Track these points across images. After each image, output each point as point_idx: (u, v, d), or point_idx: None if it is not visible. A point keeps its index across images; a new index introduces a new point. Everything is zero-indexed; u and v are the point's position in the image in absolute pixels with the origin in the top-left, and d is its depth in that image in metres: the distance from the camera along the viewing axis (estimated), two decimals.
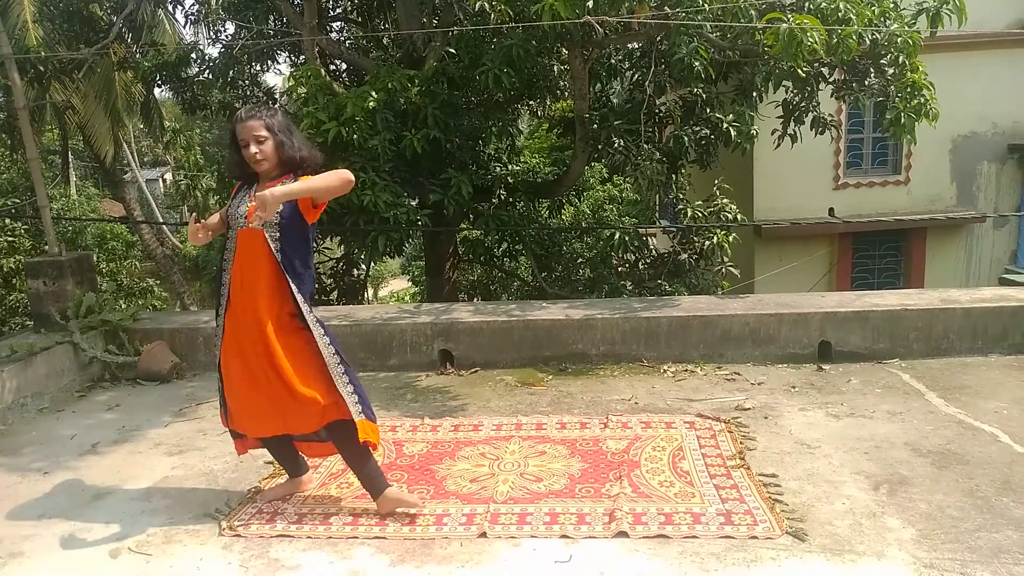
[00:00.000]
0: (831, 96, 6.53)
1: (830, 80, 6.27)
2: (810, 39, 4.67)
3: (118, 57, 10.75)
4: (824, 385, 4.32)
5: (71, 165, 17.88)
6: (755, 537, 2.71)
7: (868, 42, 5.25)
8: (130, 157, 20.00)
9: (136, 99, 14.25)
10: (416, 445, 3.67)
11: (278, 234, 2.78)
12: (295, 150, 2.81)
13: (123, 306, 9.95)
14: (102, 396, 4.68)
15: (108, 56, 10.76)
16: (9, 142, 12.93)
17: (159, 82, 8.89)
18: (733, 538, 2.71)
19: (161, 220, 20.98)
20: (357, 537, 2.81)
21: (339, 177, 2.74)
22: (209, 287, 18.28)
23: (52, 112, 13.62)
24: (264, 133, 2.78)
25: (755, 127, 6.70)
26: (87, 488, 3.35)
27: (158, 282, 14.85)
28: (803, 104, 6.38)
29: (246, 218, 2.76)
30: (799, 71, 5.37)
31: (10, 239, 11.58)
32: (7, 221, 11.73)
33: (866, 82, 5.96)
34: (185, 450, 3.76)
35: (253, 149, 2.77)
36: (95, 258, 8.87)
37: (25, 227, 11.93)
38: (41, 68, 8.29)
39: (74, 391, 4.72)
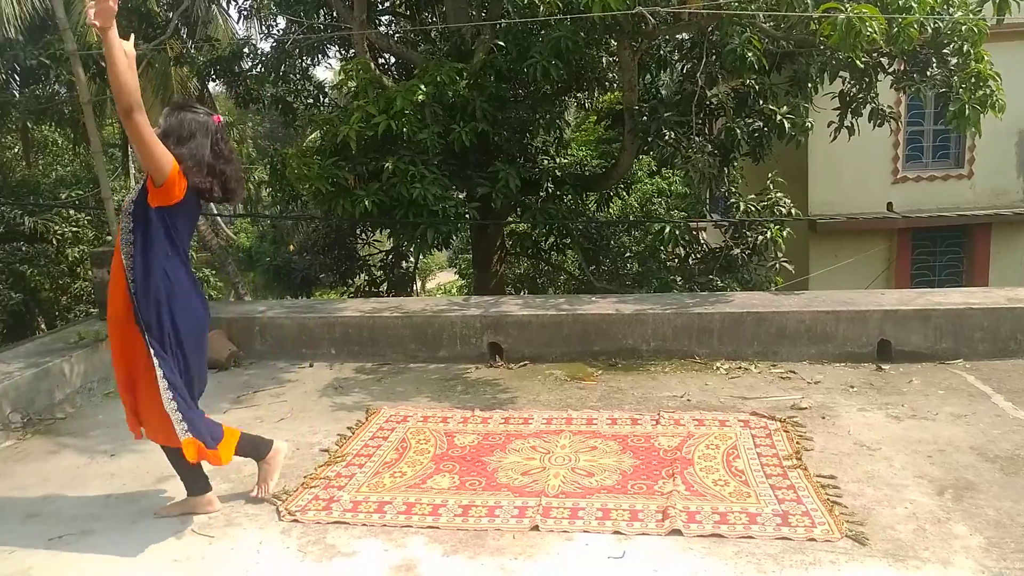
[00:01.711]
0: (890, 87, 6.35)
1: (889, 71, 6.10)
2: (869, 28, 4.55)
3: (174, 53, 11.04)
4: (884, 385, 4.21)
5: (130, 158, 18.42)
6: (813, 539, 2.66)
7: (930, 31, 5.09)
8: None
9: (191, 93, 14.59)
10: (467, 436, 3.70)
11: (130, 224, 2.75)
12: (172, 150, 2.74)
13: None
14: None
15: (165, 52, 11.05)
16: (72, 136, 13.38)
17: (213, 76, 9.11)
18: (790, 540, 2.66)
19: (215, 212, 21.47)
20: (411, 526, 2.85)
21: (126, 107, 2.54)
22: (263, 278, 18.68)
23: (112, 107, 14.05)
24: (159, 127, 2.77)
25: (810, 119, 6.56)
26: (151, 470, 3.45)
27: (213, 272, 15.23)
28: (861, 95, 6.21)
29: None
30: (857, 62, 5.24)
31: (74, 229, 12.00)
32: (71, 212, 12.17)
33: (928, 72, 5.77)
34: None
35: None
36: None
37: (88, 218, 12.36)
38: (102, 64, 8.53)
39: None
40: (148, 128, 2.61)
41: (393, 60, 9.19)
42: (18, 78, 12.34)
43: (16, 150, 13.82)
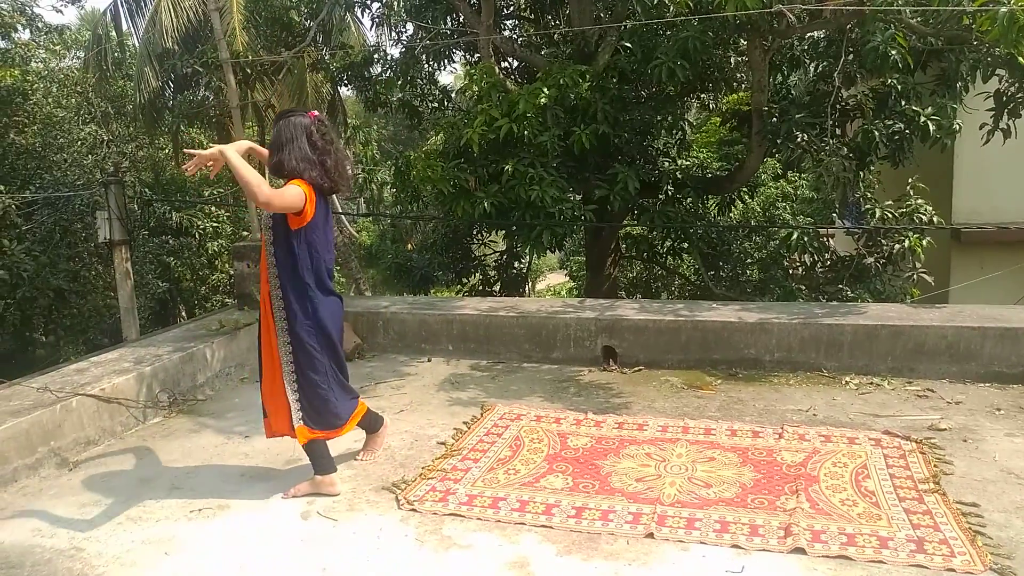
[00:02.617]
0: None
1: None
2: None
3: (311, 59, 11.66)
4: None
5: None
6: (952, 570, 2.48)
7: None
8: None
9: (324, 98, 15.37)
10: (580, 439, 3.69)
11: (271, 237, 3.12)
12: (272, 163, 3.08)
13: None
14: None
15: (302, 59, 11.70)
16: (217, 138, 14.40)
17: (345, 82, 9.54)
18: (926, 568, 2.49)
19: (340, 211, 22.50)
20: (524, 524, 2.88)
21: (257, 193, 2.89)
22: (383, 275, 19.41)
23: (253, 111, 15.02)
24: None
25: (958, 121, 6.09)
26: (281, 453, 3.66)
27: (338, 268, 15.98)
28: (1020, 95, 5.69)
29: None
30: (1018, 58, 4.81)
31: (215, 225, 12.94)
32: (213, 208, 13.11)
33: None
34: None
35: None
36: None
37: (227, 214, 13.28)
38: (248, 71, 9.15)
39: None
40: (278, 195, 2.95)
41: (516, 64, 9.31)
42: (172, 85, 13.44)
43: (167, 151, 15.02)
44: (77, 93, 14.06)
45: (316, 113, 3.18)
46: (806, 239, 6.31)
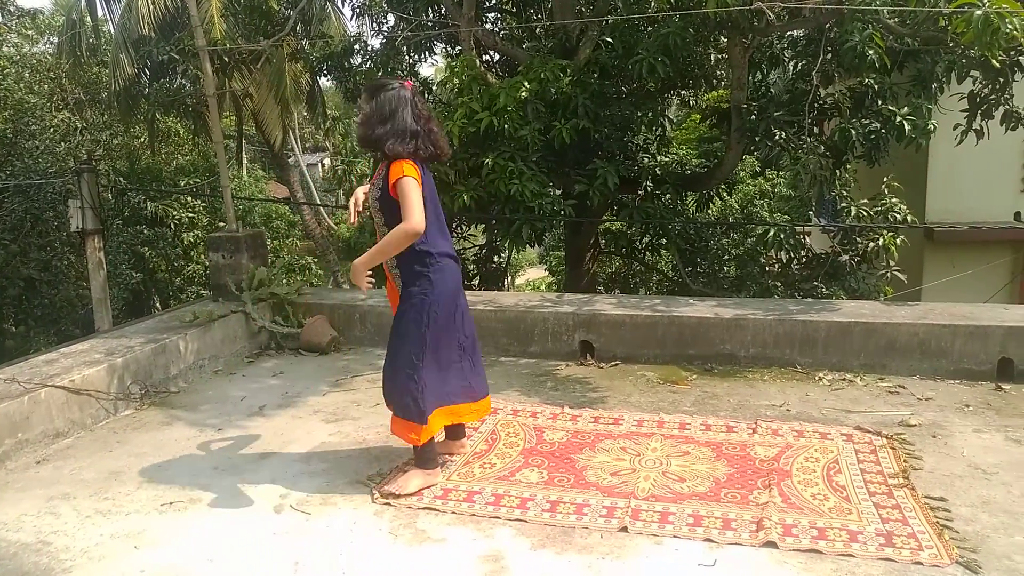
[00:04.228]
0: None
1: None
2: (1009, 25, 4.22)
3: (290, 49, 11.54)
4: (1004, 406, 3.92)
5: (243, 149, 19.41)
6: (919, 563, 2.51)
7: None
8: (294, 142, 21.43)
9: (303, 88, 15.23)
10: (556, 433, 3.70)
11: (381, 219, 3.08)
12: (372, 138, 2.99)
13: (286, 281, 10.73)
14: (268, 363, 5.06)
15: (282, 48, 11.58)
16: (193, 127, 14.22)
17: (325, 72, 9.45)
18: (894, 561, 2.52)
19: (320, 202, 22.34)
20: (499, 517, 2.87)
21: (404, 233, 2.88)
22: None
23: (231, 100, 14.84)
24: (363, 112, 3.06)
25: (933, 121, 6.17)
26: (254, 446, 3.63)
27: (315, 260, 15.86)
28: (993, 96, 5.78)
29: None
30: (992, 60, 4.87)
31: (190, 215, 12.78)
32: (189, 198, 12.94)
33: None
34: (341, 419, 3.99)
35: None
36: None
37: (203, 204, 13.11)
38: (226, 59, 9.03)
39: (244, 357, 5.13)
40: (411, 212, 2.87)
41: (497, 57, 9.28)
42: (148, 72, 13.24)
43: (143, 139, 14.80)
44: (50, 79, 13.80)
45: (411, 83, 3.11)
46: (783, 236, 6.37)
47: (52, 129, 12.22)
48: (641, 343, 4.82)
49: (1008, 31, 4.12)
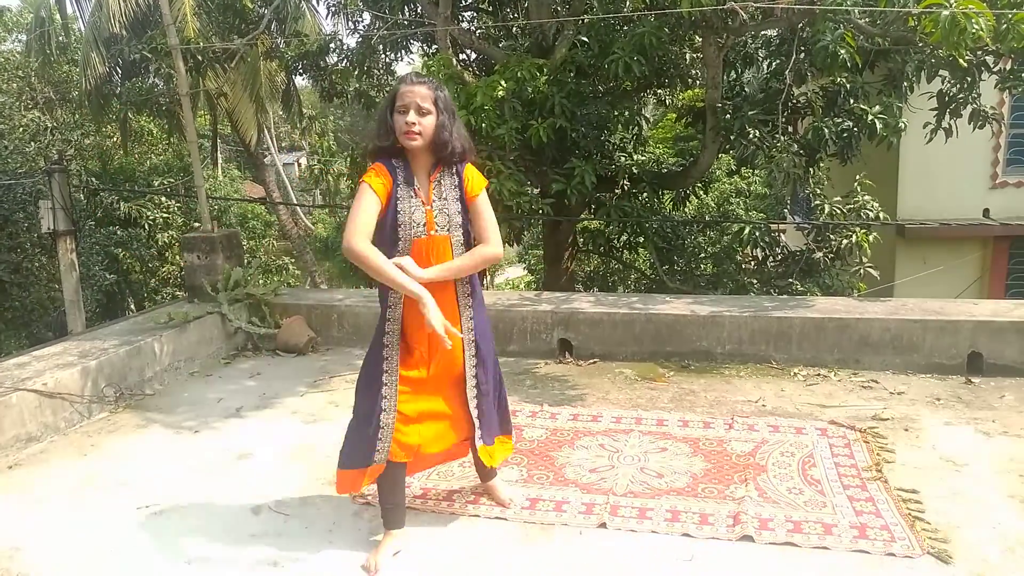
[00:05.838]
0: (994, 87, 6.00)
1: (994, 70, 5.77)
2: (975, 26, 4.30)
3: (265, 47, 11.43)
4: (973, 400, 4.00)
5: (218, 149, 19.21)
6: (892, 555, 2.56)
7: None
8: (269, 142, 21.24)
9: (278, 87, 15.10)
10: (535, 431, 3.71)
11: (462, 238, 2.58)
12: (451, 138, 2.47)
13: (263, 282, 10.64)
14: (245, 364, 5.02)
15: (256, 46, 11.47)
16: (167, 126, 14.05)
17: (300, 71, 9.39)
18: (868, 553, 2.57)
19: (296, 202, 22.18)
20: (479, 516, 2.88)
21: (485, 259, 2.55)
22: (338, 267, 19.19)
23: (205, 99, 14.68)
24: (429, 105, 2.43)
25: (903, 120, 6.28)
26: (231, 448, 3.61)
27: (292, 260, 15.74)
28: (961, 95, 5.89)
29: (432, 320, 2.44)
30: (960, 60, 4.96)
31: (165, 215, 12.64)
32: (163, 199, 12.80)
33: None
34: (319, 420, 3.97)
35: (412, 118, 2.40)
36: None
37: (178, 205, 12.97)
38: (199, 58, 8.93)
39: (220, 358, 5.09)
40: (495, 224, 2.58)
41: (474, 56, 9.27)
42: (120, 71, 13.05)
43: (115, 139, 14.59)
44: (19, 78, 13.58)
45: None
46: (758, 234, 6.44)
47: (21, 129, 12.02)
48: (619, 341, 4.85)
49: (974, 31, 4.19)
